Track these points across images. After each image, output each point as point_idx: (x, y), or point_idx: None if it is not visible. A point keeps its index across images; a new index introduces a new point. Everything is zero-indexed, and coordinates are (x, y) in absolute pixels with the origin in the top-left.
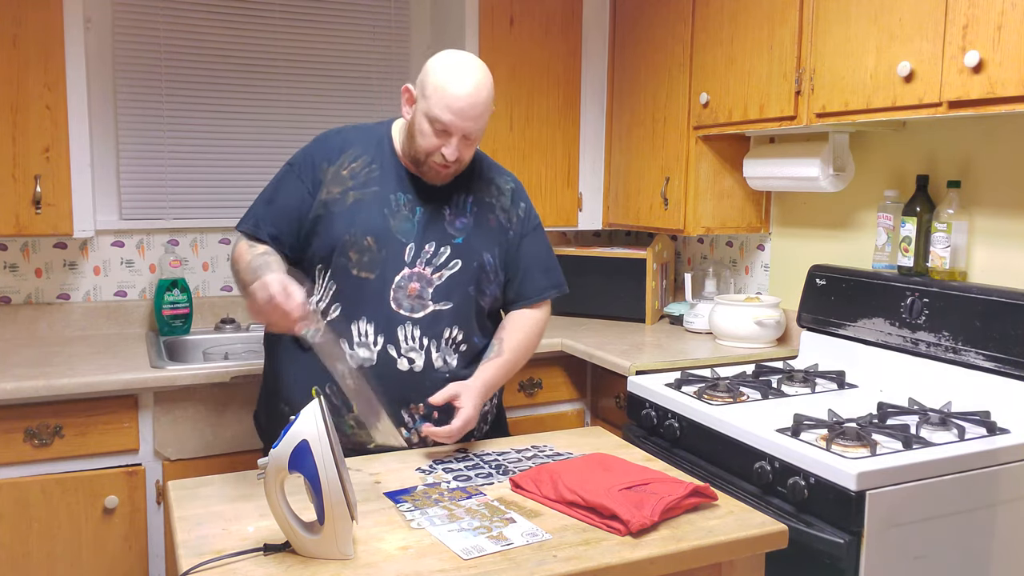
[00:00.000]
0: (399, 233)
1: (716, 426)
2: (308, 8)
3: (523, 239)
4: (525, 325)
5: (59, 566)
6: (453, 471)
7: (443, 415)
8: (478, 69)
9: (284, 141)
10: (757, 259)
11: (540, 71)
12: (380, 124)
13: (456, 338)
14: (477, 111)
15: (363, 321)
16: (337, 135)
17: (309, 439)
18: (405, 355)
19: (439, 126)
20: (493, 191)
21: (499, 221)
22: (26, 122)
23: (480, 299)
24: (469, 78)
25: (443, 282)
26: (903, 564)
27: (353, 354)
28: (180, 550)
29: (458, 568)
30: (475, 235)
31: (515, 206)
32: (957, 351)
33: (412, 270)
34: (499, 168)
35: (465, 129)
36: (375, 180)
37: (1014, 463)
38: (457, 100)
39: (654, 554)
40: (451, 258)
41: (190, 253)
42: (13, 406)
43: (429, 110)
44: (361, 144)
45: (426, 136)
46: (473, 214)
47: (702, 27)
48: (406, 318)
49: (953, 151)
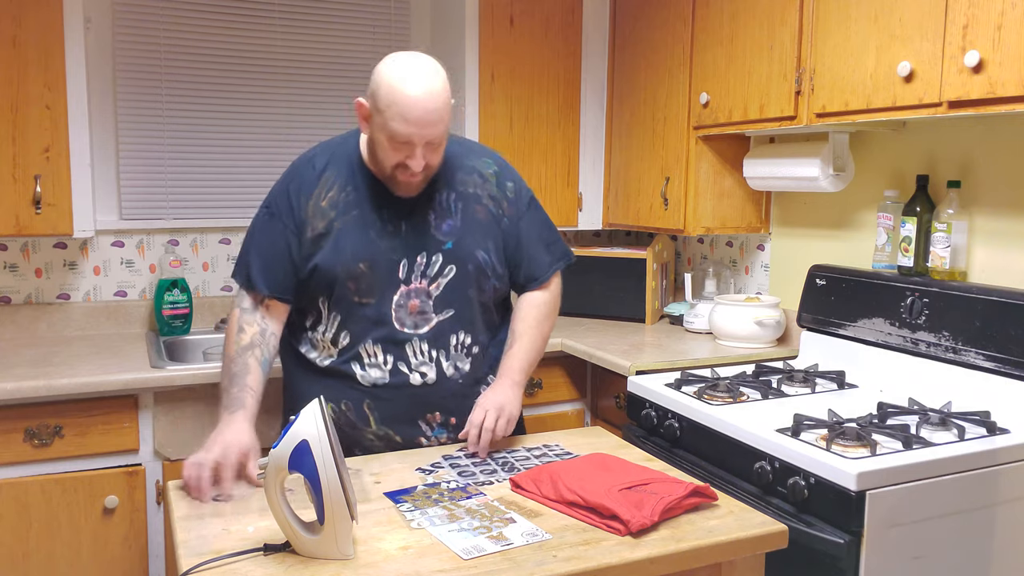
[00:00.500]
0: (389, 252)
1: (716, 426)
2: (308, 8)
3: (520, 221)
4: (534, 306)
5: (59, 566)
6: (459, 467)
7: (460, 421)
8: (429, 70)
9: (284, 141)
10: (757, 259)
11: (540, 71)
12: (347, 138)
13: (464, 342)
14: (435, 115)
15: (370, 343)
16: (307, 164)
17: (309, 439)
18: (416, 370)
19: (400, 139)
20: (476, 179)
21: (488, 211)
22: (26, 122)
23: (481, 298)
24: (421, 83)
25: (441, 291)
26: (903, 564)
27: (365, 375)
28: (180, 550)
29: (458, 568)
30: (465, 236)
31: (502, 189)
32: (957, 351)
33: (408, 287)
34: (478, 151)
35: (427, 137)
36: (354, 202)
37: (1014, 463)
38: (412, 109)
39: (654, 554)
40: (444, 265)
41: (190, 253)
42: (13, 406)
43: (385, 125)
44: (333, 167)
45: (387, 151)
46: (459, 212)
47: (702, 27)
48: (411, 335)
49: (953, 151)
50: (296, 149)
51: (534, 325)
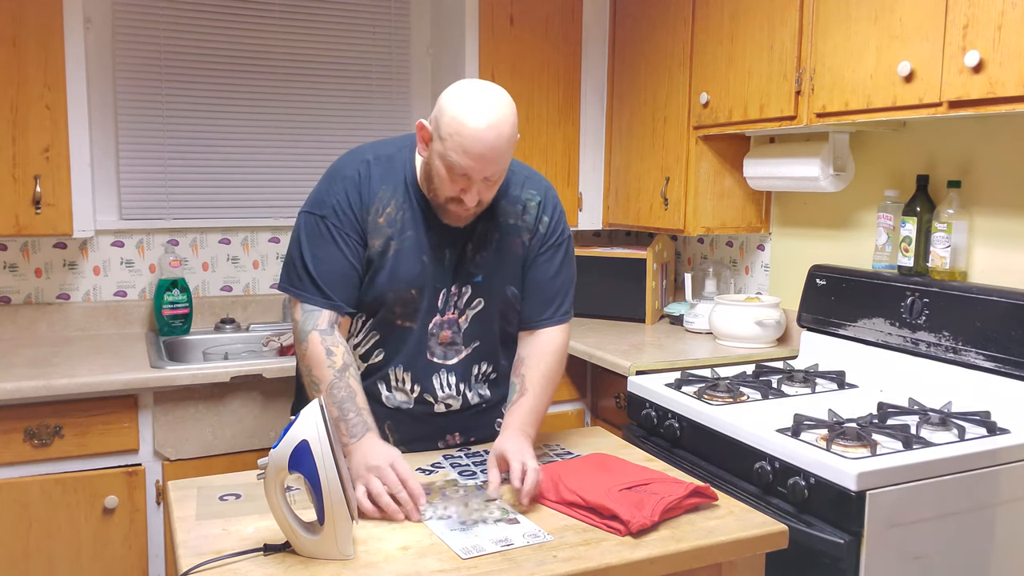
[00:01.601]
0: (435, 280)
1: (716, 426)
2: (308, 8)
3: (537, 258)
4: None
5: (59, 566)
6: (460, 467)
7: (479, 439)
8: (498, 103)
9: (284, 141)
10: (757, 259)
11: (540, 71)
12: (400, 149)
13: (485, 371)
14: (498, 153)
15: (400, 368)
16: (363, 174)
17: (309, 439)
18: (442, 402)
19: (458, 171)
20: (517, 210)
21: (522, 244)
22: (26, 122)
23: (507, 328)
24: (488, 115)
25: (469, 324)
26: (903, 564)
27: (390, 396)
28: (180, 550)
29: (458, 568)
30: (497, 270)
31: (538, 221)
32: (957, 351)
33: (442, 317)
34: (532, 179)
35: (486, 173)
36: (408, 224)
37: (1014, 463)
38: (476, 144)
39: (654, 554)
40: (473, 297)
41: (190, 253)
42: (13, 406)
43: (445, 154)
44: (389, 184)
45: (443, 181)
46: (494, 244)
47: (702, 27)
48: (440, 366)
49: (953, 151)
50: (296, 149)
51: (548, 376)
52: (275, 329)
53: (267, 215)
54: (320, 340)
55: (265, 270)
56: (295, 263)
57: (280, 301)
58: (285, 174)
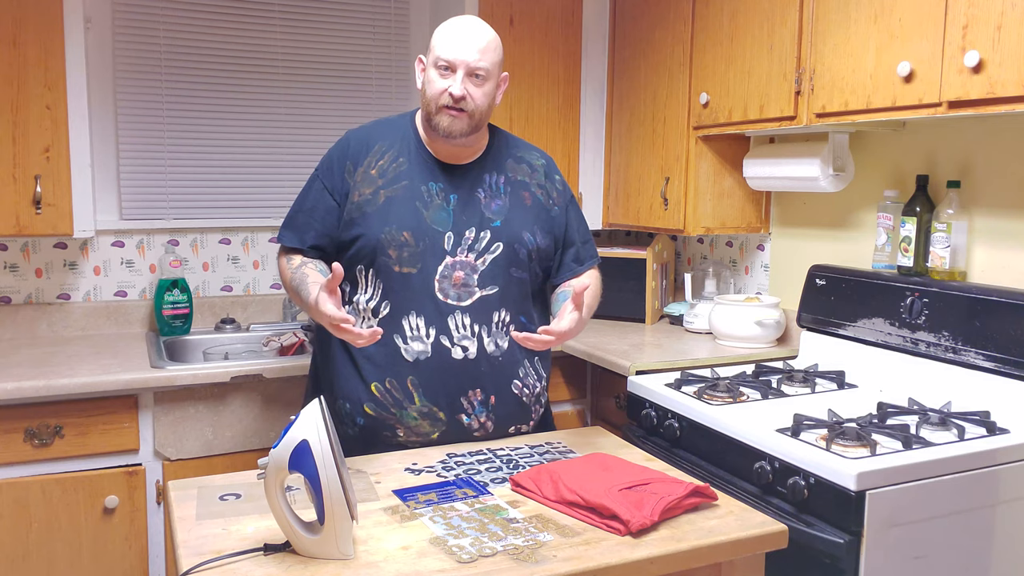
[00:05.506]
0: (435, 223)
1: (716, 426)
2: (308, 8)
3: (568, 209)
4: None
5: (59, 566)
6: (464, 464)
7: (499, 400)
8: (481, 21)
9: (284, 141)
10: (757, 259)
11: (540, 71)
12: (402, 116)
13: (505, 320)
14: (481, 43)
15: (413, 315)
16: (360, 134)
17: (309, 439)
18: (458, 344)
19: (443, 64)
20: (525, 168)
21: (536, 198)
22: (26, 122)
23: (524, 278)
24: (471, 21)
25: (487, 267)
26: (903, 564)
27: (408, 348)
28: (180, 550)
29: (458, 568)
30: (513, 216)
31: (550, 180)
32: (957, 351)
33: (454, 259)
34: (527, 145)
35: (469, 64)
36: (404, 174)
37: (1014, 463)
38: (458, 37)
39: (654, 554)
40: (492, 242)
41: (190, 253)
42: (13, 406)
43: (435, 57)
44: (387, 138)
45: (433, 85)
46: (508, 194)
47: (702, 27)
48: (455, 307)
49: (953, 151)
50: (296, 149)
51: (595, 287)
52: (275, 329)
53: (267, 215)
54: (284, 257)
55: (265, 270)
56: (287, 215)
57: (280, 301)
58: (285, 174)
